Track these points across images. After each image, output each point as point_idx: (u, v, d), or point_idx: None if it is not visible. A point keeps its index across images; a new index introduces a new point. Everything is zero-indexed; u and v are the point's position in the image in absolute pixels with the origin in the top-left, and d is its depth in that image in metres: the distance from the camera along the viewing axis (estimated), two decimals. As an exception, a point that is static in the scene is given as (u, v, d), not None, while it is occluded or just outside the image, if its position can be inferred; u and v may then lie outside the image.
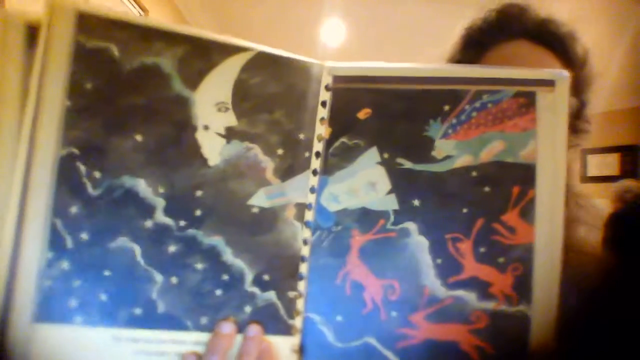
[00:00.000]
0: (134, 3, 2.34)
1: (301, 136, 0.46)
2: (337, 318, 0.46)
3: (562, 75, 0.46)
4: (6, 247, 0.40)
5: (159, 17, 2.63)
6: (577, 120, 0.65)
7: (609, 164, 4.60)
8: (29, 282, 0.40)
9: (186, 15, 3.03)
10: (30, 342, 0.40)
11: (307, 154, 0.46)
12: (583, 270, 0.54)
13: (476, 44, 0.66)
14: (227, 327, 0.42)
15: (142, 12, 2.42)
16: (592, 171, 4.69)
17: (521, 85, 0.46)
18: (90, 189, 0.41)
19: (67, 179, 0.41)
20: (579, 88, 0.65)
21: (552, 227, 0.45)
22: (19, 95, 0.42)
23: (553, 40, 0.64)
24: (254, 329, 0.43)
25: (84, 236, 0.41)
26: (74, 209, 0.41)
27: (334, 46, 3.04)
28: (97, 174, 0.42)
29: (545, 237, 0.45)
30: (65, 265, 0.41)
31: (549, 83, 0.46)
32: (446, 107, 0.46)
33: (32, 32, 0.42)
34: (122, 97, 0.42)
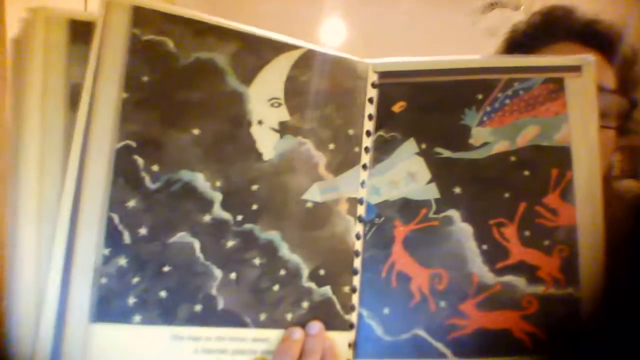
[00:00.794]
0: None
1: (350, 132, 0.48)
2: (385, 311, 0.46)
3: (588, 59, 0.49)
4: (61, 244, 0.38)
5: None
6: (626, 121, 0.64)
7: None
8: (85, 280, 0.38)
9: None
10: (87, 343, 0.38)
11: (357, 149, 0.47)
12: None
13: (521, 47, 0.68)
14: (298, 333, 0.42)
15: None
16: None
17: (549, 72, 0.49)
18: (148, 183, 0.41)
19: (124, 172, 0.40)
20: (627, 88, 0.65)
21: (593, 206, 0.47)
22: (63, 89, 0.41)
23: (600, 41, 0.64)
24: (317, 326, 0.43)
25: (142, 231, 0.40)
26: (131, 203, 0.40)
27: (334, 46, 3.07)
28: (155, 168, 0.41)
29: (587, 217, 0.47)
30: (122, 261, 0.39)
31: (576, 69, 0.49)
32: (479, 96, 0.49)
33: (74, 28, 0.42)
34: (178, 91, 0.43)
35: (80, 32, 0.41)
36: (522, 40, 0.68)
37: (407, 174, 0.48)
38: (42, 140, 0.40)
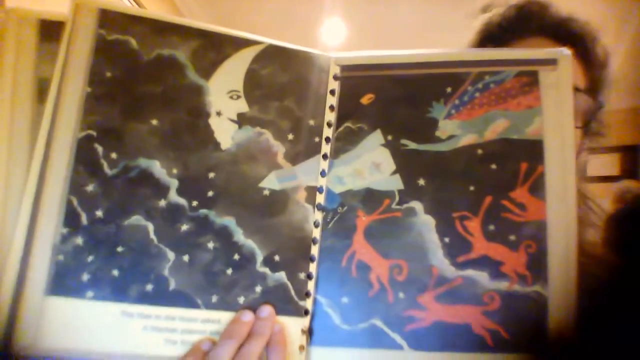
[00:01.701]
0: (132, 2, 2.35)
1: (311, 122, 0.49)
2: (343, 300, 0.46)
3: (564, 53, 0.48)
4: (23, 222, 0.42)
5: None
6: (591, 122, 0.64)
7: (609, 164, 4.57)
8: (44, 255, 0.42)
9: (183, 12, 3.03)
10: (42, 314, 0.41)
11: (317, 139, 0.49)
12: (590, 273, 0.54)
13: (493, 40, 0.67)
14: (248, 316, 0.43)
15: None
16: (592, 171, 4.74)
17: (523, 65, 0.48)
18: (106, 169, 0.44)
19: (84, 159, 0.44)
20: (596, 89, 0.65)
21: (565, 202, 0.45)
22: (32, 84, 0.46)
23: (573, 39, 0.64)
24: (267, 310, 0.44)
25: (99, 213, 0.43)
26: (90, 187, 0.43)
27: (334, 46, 3.09)
28: (113, 155, 0.44)
29: (558, 213, 0.45)
30: (79, 240, 0.42)
31: (551, 62, 0.48)
32: (448, 89, 0.49)
33: (44, 27, 0.47)
34: (139, 84, 0.46)
35: (50, 31, 0.46)
36: (495, 33, 0.67)
37: (372, 164, 0.48)
38: (11, 130, 0.44)
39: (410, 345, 0.44)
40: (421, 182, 0.47)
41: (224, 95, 0.48)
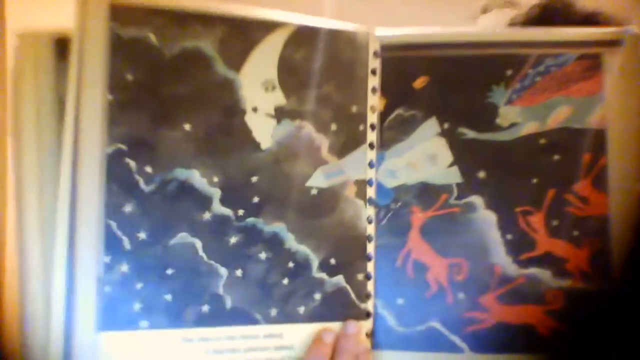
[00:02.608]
0: None
1: (354, 109, 0.46)
2: (398, 301, 0.46)
3: (630, 32, 0.45)
4: (61, 254, 0.39)
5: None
6: None
7: None
8: (89, 289, 0.40)
9: None
10: (96, 352, 0.39)
11: (361, 127, 0.46)
12: None
13: None
14: (330, 337, 0.43)
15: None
16: None
17: (585, 47, 0.45)
18: (143, 185, 0.41)
19: (117, 177, 0.40)
20: None
21: (628, 196, 0.44)
22: (54, 104, 0.43)
23: None
24: (353, 326, 0.44)
25: (142, 235, 0.40)
26: (128, 208, 0.40)
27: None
28: (148, 169, 0.41)
29: (621, 207, 0.44)
30: (124, 268, 0.40)
31: (616, 43, 0.45)
32: (508, 72, 0.46)
33: (59, 45, 0.43)
34: (165, 85, 0.42)
35: (66, 48, 0.41)
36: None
37: (427, 156, 0.46)
38: (38, 155, 0.42)
39: (471, 347, 0.45)
40: (481, 174, 0.45)
41: (258, 87, 0.44)
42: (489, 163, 0.45)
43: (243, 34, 0.43)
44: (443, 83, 0.46)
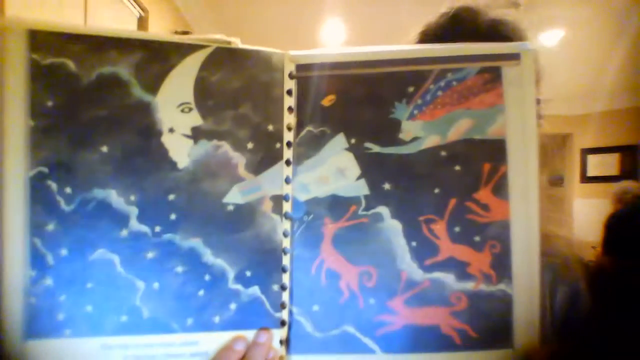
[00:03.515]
0: (134, 3, 2.40)
1: (270, 127, 0.48)
2: (314, 308, 0.49)
3: (527, 47, 0.48)
4: (-11, 270, 0.43)
5: (158, 18, 2.71)
6: None
7: (608, 164, 4.84)
8: (16, 301, 0.44)
9: (186, 15, 3.13)
10: (24, 359, 0.43)
11: (278, 145, 0.48)
12: (573, 273, 0.56)
13: None
14: (242, 344, 0.47)
15: (142, 13, 2.50)
16: (592, 171, 4.98)
17: (485, 60, 0.48)
18: (63, 205, 0.45)
19: (40, 198, 0.44)
20: None
21: (528, 202, 0.47)
22: None
23: (502, 41, 0.61)
24: (264, 336, 0.47)
25: (64, 252, 0.45)
26: (50, 227, 0.44)
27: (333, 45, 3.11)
28: (68, 190, 0.45)
29: (521, 212, 0.47)
30: (48, 281, 0.44)
31: (514, 57, 0.48)
32: (410, 89, 0.49)
33: None
34: (84, 110, 0.45)
35: None
36: (431, 41, 0.67)
37: (337, 169, 0.49)
38: None
39: (382, 348, 0.48)
40: (387, 186, 0.49)
41: (174, 109, 0.47)
42: (394, 175, 0.49)
43: (159, 58, 0.47)
44: (349, 101, 0.49)
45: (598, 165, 4.81)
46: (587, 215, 4.19)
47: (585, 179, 4.94)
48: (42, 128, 0.45)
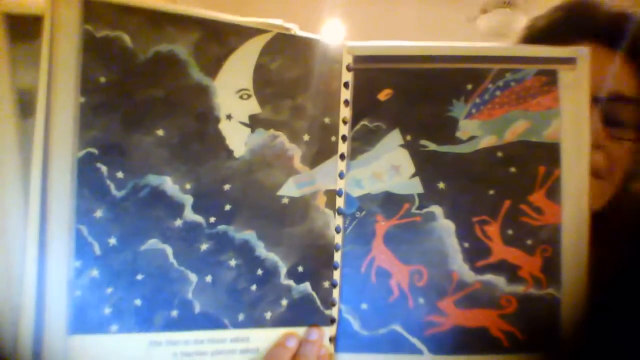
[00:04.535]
0: None
1: (326, 120, 0.48)
2: (362, 306, 0.50)
3: (583, 52, 0.50)
4: (31, 259, 0.41)
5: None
6: None
7: None
8: (59, 294, 0.41)
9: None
10: (67, 355, 0.41)
11: (333, 139, 0.48)
12: None
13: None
14: (293, 342, 0.47)
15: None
16: None
17: (542, 63, 0.50)
18: (114, 191, 0.42)
19: (88, 182, 0.42)
20: None
21: (579, 206, 0.49)
22: (10, 96, 0.42)
23: (627, 43, 0.60)
24: (316, 333, 0.47)
25: (112, 241, 0.42)
26: (99, 213, 0.42)
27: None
28: (120, 174, 0.43)
29: (572, 217, 0.49)
30: (95, 273, 0.42)
31: (570, 61, 0.50)
32: (469, 86, 0.50)
33: (13, 23, 0.42)
34: (139, 89, 0.43)
35: (22, 28, 0.42)
36: (539, 39, 0.64)
37: (391, 166, 0.49)
38: None
39: (430, 349, 0.49)
40: (441, 185, 0.50)
41: (232, 95, 0.46)
42: (449, 174, 0.50)
43: (219, 40, 0.45)
44: (406, 96, 0.50)
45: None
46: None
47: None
48: (93, 106, 0.42)
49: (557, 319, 0.48)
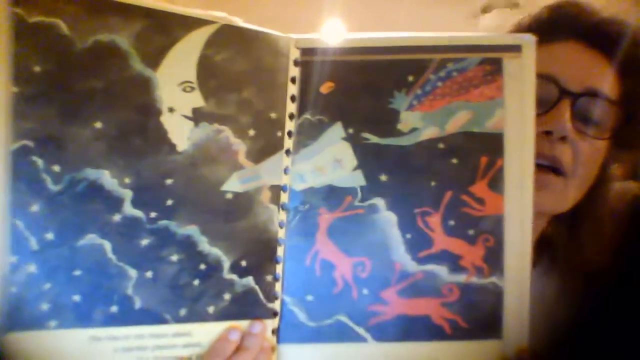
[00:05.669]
0: None
1: (272, 115, 0.49)
2: (308, 298, 0.51)
3: (528, 39, 0.51)
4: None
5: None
6: (623, 134, 0.62)
7: None
8: None
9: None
10: (3, 353, 0.41)
11: (279, 134, 0.49)
12: None
13: None
14: (236, 334, 0.47)
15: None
16: None
17: (486, 51, 0.51)
18: (50, 185, 0.42)
19: (23, 175, 0.42)
20: (631, 100, 0.62)
21: (522, 196, 0.51)
22: None
23: (610, 45, 0.61)
24: (259, 326, 0.48)
25: (49, 236, 0.42)
26: (35, 207, 0.42)
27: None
28: (56, 168, 0.42)
29: (515, 207, 0.51)
30: (31, 268, 0.42)
31: (515, 48, 0.51)
32: (410, 78, 0.51)
33: None
34: (76, 80, 0.43)
35: None
36: (535, 30, 0.61)
37: (334, 159, 0.50)
38: None
39: (374, 337, 0.51)
40: (383, 177, 0.51)
41: (175, 87, 0.46)
42: (391, 167, 0.51)
43: (163, 30, 0.45)
44: (348, 89, 0.51)
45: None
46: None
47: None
48: (27, 96, 0.41)
49: (499, 307, 0.51)
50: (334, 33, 0.52)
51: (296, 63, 0.50)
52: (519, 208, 0.51)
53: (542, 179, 0.55)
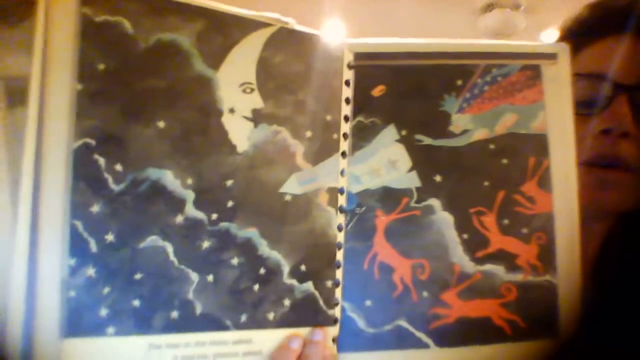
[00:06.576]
0: None
1: (328, 117, 0.49)
2: (367, 303, 0.49)
3: (563, 47, 0.53)
4: (21, 258, 0.38)
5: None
6: None
7: None
8: (52, 294, 0.38)
9: None
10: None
11: (335, 136, 0.49)
12: None
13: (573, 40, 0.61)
14: (297, 343, 0.45)
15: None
16: None
17: (526, 58, 0.53)
18: (112, 184, 0.41)
19: (84, 175, 0.40)
20: None
21: (569, 193, 0.52)
22: None
23: None
24: (320, 334, 0.47)
25: (110, 238, 0.40)
26: (95, 208, 0.40)
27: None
28: (118, 167, 0.41)
29: (563, 204, 0.51)
30: (90, 271, 0.40)
31: (552, 56, 0.53)
32: (459, 82, 0.52)
33: None
34: (139, 78, 0.42)
35: (9, 10, 0.39)
36: (568, 38, 0.66)
37: (388, 161, 0.50)
38: None
39: (436, 343, 0.49)
40: (438, 178, 0.51)
41: (235, 88, 0.45)
42: (444, 167, 0.51)
43: (222, 31, 0.45)
44: (399, 91, 0.51)
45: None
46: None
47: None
48: (90, 93, 0.40)
49: (555, 305, 0.50)
50: (385, 38, 0.53)
51: (350, 66, 0.50)
52: (567, 205, 0.51)
53: (606, 178, 0.57)
